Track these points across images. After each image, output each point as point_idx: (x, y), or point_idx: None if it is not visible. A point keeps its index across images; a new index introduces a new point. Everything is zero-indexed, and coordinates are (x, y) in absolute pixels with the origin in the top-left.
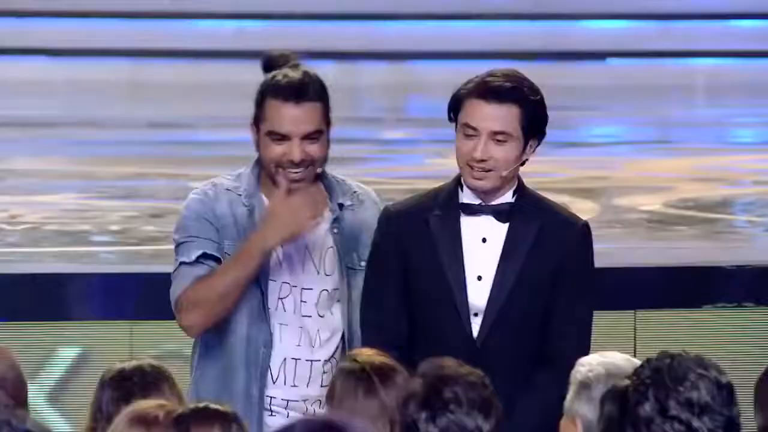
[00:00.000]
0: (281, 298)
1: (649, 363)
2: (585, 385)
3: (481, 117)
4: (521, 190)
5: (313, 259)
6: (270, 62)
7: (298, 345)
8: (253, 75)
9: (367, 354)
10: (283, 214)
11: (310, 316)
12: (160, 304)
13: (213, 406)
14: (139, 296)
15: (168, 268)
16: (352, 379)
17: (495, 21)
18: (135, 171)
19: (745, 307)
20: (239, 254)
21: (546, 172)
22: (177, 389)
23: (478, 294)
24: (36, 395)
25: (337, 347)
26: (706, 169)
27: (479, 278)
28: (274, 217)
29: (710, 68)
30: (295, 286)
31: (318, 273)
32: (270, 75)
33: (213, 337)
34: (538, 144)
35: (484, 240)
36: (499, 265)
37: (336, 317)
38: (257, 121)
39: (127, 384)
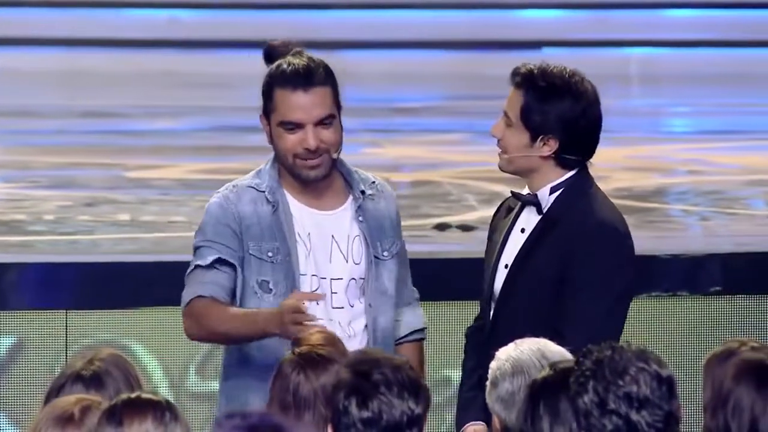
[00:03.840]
0: (314, 291)
1: (591, 354)
2: (494, 384)
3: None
4: (566, 191)
5: (340, 248)
6: (271, 52)
7: None
8: (187, 63)
9: (309, 343)
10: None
11: (342, 308)
12: (95, 293)
13: (145, 395)
14: (74, 286)
15: (103, 258)
16: (286, 366)
17: (429, 10)
18: (70, 160)
19: (680, 296)
20: (252, 316)
21: (484, 161)
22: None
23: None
24: None
25: (368, 338)
26: (641, 159)
27: (506, 266)
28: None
29: (645, 57)
30: (324, 278)
31: (347, 261)
32: (275, 65)
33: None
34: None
35: (522, 230)
36: (516, 256)
37: (364, 307)
38: (267, 113)
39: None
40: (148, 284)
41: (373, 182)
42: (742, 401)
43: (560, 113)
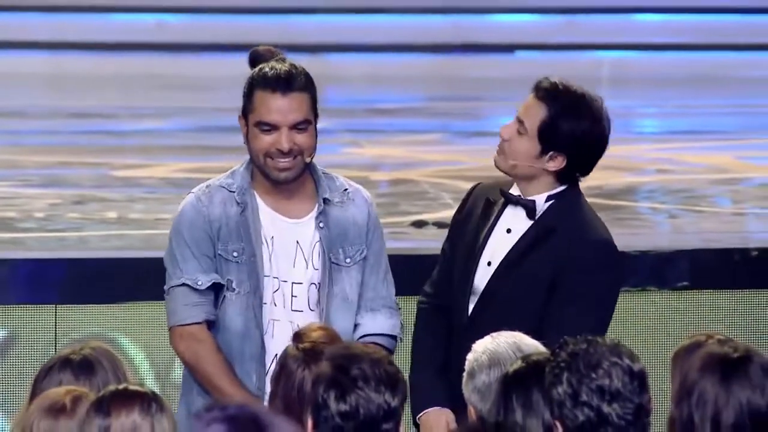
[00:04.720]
0: (274, 293)
1: (567, 346)
2: (471, 375)
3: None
4: (559, 201)
5: (304, 253)
6: (256, 57)
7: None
8: (172, 66)
9: (310, 339)
10: None
11: (301, 311)
12: (84, 288)
13: (132, 387)
14: (63, 281)
15: (91, 254)
16: (291, 362)
17: (407, 14)
18: (59, 160)
19: (649, 291)
20: (236, 393)
21: (457, 161)
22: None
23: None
24: None
25: None
26: (611, 158)
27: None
28: None
29: (615, 60)
30: (285, 281)
31: (307, 267)
32: (258, 68)
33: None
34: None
35: (508, 231)
36: (505, 257)
37: (318, 312)
38: (245, 113)
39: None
40: (135, 280)
41: (345, 189)
42: (706, 393)
43: (577, 135)
